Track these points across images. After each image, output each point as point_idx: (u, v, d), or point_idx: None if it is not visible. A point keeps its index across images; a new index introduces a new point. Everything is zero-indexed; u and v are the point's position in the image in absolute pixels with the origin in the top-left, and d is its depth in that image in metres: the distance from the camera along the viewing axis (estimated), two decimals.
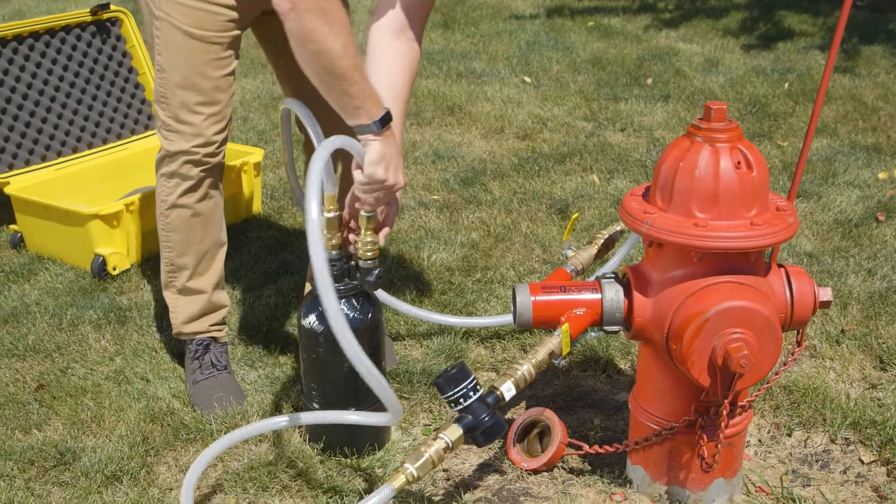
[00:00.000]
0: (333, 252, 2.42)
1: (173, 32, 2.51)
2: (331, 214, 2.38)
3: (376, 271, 2.40)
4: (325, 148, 2.14)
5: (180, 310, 2.82)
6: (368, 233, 2.37)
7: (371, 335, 2.46)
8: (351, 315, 2.41)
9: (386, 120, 2.28)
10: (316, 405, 2.50)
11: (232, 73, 2.61)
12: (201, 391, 2.74)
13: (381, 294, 2.72)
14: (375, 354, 2.49)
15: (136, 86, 4.13)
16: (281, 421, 2.33)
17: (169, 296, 2.82)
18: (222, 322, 2.87)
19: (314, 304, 2.43)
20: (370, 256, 2.39)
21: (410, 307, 2.88)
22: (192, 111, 2.57)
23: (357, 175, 2.33)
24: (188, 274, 2.77)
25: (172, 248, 2.74)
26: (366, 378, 2.00)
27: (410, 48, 2.50)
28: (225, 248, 2.83)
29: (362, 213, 2.36)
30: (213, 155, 2.63)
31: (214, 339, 2.85)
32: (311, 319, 2.41)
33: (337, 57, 2.17)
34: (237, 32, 2.56)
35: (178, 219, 2.69)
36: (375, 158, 2.29)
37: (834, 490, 2.39)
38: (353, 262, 2.44)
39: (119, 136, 4.08)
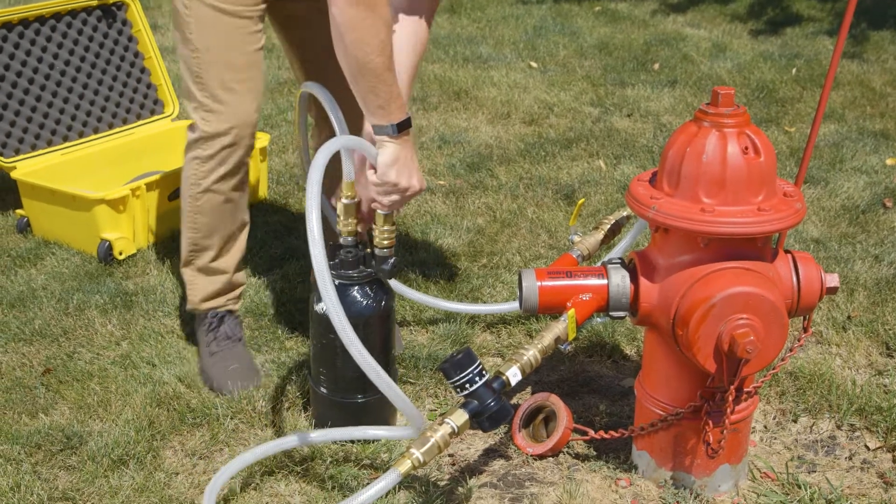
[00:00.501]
0: (349, 238, 2.42)
1: (205, 10, 2.51)
2: (348, 201, 2.38)
3: (391, 260, 2.40)
4: (327, 149, 2.16)
5: (199, 287, 2.84)
6: (385, 223, 2.38)
7: (383, 323, 2.46)
8: (364, 303, 2.41)
9: (404, 126, 2.29)
10: (323, 390, 2.51)
11: (262, 48, 2.62)
12: (216, 363, 2.76)
13: (392, 282, 2.73)
14: (387, 342, 2.50)
15: (143, 70, 4.12)
16: (308, 437, 2.34)
17: (188, 272, 2.84)
18: (239, 296, 2.90)
19: None
20: (386, 245, 2.39)
21: (423, 295, 2.89)
22: (230, 89, 2.57)
23: (370, 175, 2.34)
24: (212, 255, 2.79)
25: (199, 230, 2.75)
26: (390, 398, 2.07)
27: (419, 25, 2.49)
28: (247, 229, 2.85)
29: (379, 211, 2.37)
30: (249, 136, 2.64)
31: (230, 311, 2.87)
32: (324, 305, 2.41)
33: (373, 52, 2.18)
34: (264, 5, 2.57)
35: (208, 203, 2.70)
36: (389, 161, 2.30)
37: (839, 476, 2.39)
38: (368, 250, 2.44)
39: (125, 121, 4.07)
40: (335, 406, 2.51)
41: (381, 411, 2.53)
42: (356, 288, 2.42)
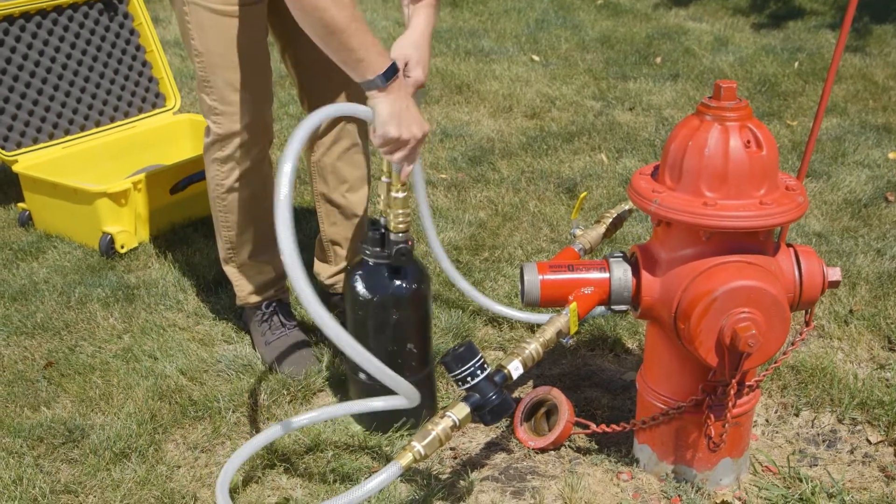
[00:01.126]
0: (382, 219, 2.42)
1: (203, 14, 2.51)
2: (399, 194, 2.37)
3: (401, 246, 2.39)
4: (316, 116, 2.11)
5: (245, 283, 2.88)
6: (399, 206, 2.37)
7: (415, 306, 2.47)
8: (397, 284, 2.43)
9: (391, 73, 2.20)
10: (361, 374, 2.49)
11: (265, 44, 2.61)
12: (274, 350, 2.80)
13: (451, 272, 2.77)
14: (422, 326, 2.52)
15: (144, 64, 4.12)
16: (302, 419, 2.30)
17: (230, 270, 2.88)
18: (286, 285, 2.95)
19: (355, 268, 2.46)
20: (402, 229, 2.38)
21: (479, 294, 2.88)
22: (236, 89, 2.57)
23: (372, 138, 2.29)
24: (249, 250, 2.82)
25: (231, 228, 2.78)
26: (370, 370, 2.02)
27: None
28: None
29: (392, 193, 2.35)
30: (262, 132, 2.65)
31: (280, 299, 2.92)
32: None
33: (331, 8, 2.13)
34: (259, 4, 2.56)
35: (235, 202, 2.72)
36: (385, 117, 2.22)
37: (841, 470, 2.39)
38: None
39: (126, 115, 4.07)
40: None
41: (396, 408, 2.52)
42: (385, 268, 2.43)
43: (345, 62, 2.21)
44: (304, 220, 3.72)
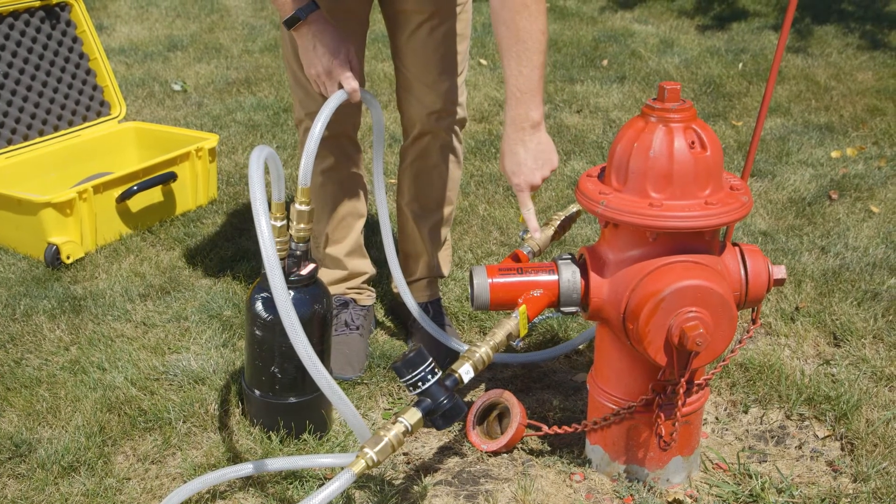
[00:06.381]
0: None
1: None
2: (304, 207, 2.36)
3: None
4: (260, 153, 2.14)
5: (324, 273, 2.90)
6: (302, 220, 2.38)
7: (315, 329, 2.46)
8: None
9: (292, 21, 2.36)
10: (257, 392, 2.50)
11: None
12: (334, 346, 2.76)
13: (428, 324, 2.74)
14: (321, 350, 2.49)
15: (88, 72, 4.07)
16: (244, 468, 2.28)
17: (316, 257, 2.90)
18: (361, 287, 2.96)
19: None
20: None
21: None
22: (298, 82, 2.63)
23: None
24: (323, 241, 2.86)
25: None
26: (335, 404, 2.05)
27: None
28: (363, 220, 2.92)
29: (296, 207, 2.36)
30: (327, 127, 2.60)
31: (354, 300, 2.93)
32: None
33: None
34: None
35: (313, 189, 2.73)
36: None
37: (790, 465, 2.42)
38: (298, 252, 2.41)
39: (71, 123, 4.02)
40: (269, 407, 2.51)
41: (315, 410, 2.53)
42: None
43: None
44: (255, 227, 3.69)
